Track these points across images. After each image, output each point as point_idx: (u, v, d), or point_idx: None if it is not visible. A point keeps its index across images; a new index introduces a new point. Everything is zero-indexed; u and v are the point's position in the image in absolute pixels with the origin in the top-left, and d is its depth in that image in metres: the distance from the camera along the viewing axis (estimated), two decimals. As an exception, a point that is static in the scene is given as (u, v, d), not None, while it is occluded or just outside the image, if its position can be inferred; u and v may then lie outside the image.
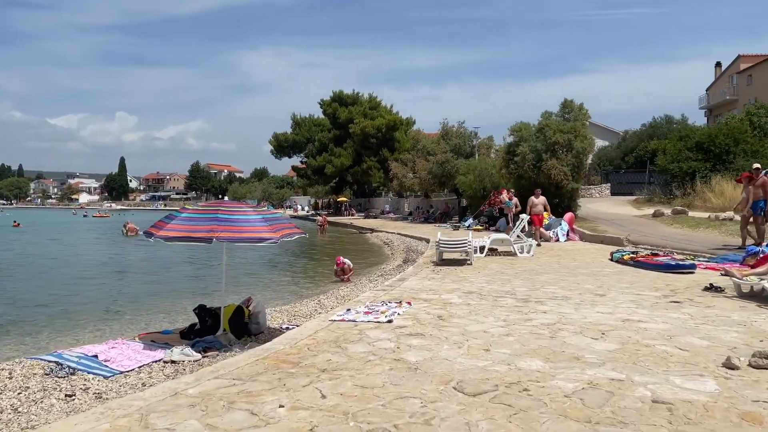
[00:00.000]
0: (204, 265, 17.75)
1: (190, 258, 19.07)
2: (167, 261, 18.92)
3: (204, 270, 16.61)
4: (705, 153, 29.47)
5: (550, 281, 9.47)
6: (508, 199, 20.26)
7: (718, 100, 51.86)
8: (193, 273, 16.22)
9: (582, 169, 23.76)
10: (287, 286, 13.27)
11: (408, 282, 9.57)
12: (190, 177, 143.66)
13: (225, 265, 6.93)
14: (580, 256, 13.78)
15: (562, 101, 24.85)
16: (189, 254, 19.47)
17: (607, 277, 9.84)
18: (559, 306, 7.17)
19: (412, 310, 6.99)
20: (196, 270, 16.89)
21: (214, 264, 16.28)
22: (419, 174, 36.28)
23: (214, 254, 14.68)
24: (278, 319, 7.99)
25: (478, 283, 9.29)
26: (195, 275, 15.66)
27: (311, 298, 9.98)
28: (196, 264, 18.12)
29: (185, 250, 19.12)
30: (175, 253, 19.45)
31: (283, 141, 59.22)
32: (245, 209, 6.33)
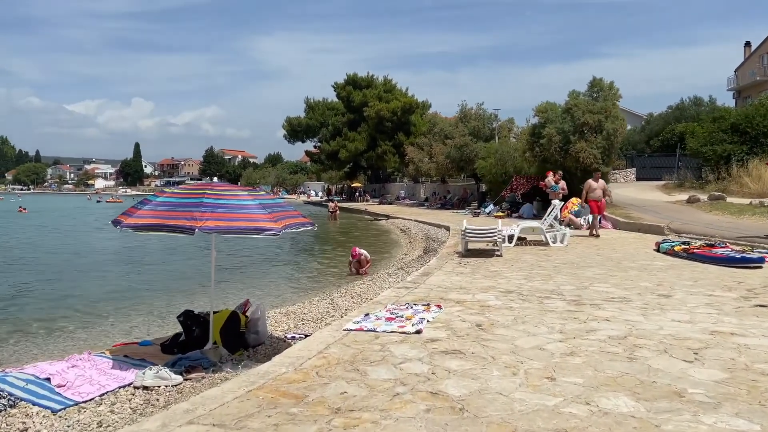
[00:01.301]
0: (204, 255, 16.46)
1: (189, 245, 17.79)
2: (162, 250, 17.73)
3: (201, 262, 15.07)
4: (741, 135, 27.78)
5: (598, 277, 8.21)
6: (554, 182, 17.70)
7: (747, 82, 49.66)
8: (190, 265, 14.71)
9: (613, 152, 22.28)
10: (294, 283, 11.77)
11: (433, 277, 8.36)
12: (204, 162, 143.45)
13: (214, 261, 5.71)
14: (619, 246, 12.47)
15: (591, 80, 23.32)
16: (186, 241, 18.35)
17: (662, 273, 8.55)
18: (622, 311, 5.92)
19: (443, 316, 5.79)
20: (194, 261, 15.41)
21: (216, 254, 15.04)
22: (436, 158, 34.92)
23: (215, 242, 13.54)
24: (283, 325, 6.80)
25: (515, 280, 8.05)
26: (193, 268, 14.25)
27: (323, 296, 8.73)
28: (192, 254, 16.66)
29: (185, 238, 18.01)
30: (173, 241, 18.31)
31: (296, 125, 58.04)
32: (238, 193, 5.10)
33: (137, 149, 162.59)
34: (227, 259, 14.48)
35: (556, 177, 18.01)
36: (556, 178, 17.95)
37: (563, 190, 17.67)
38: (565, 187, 17.88)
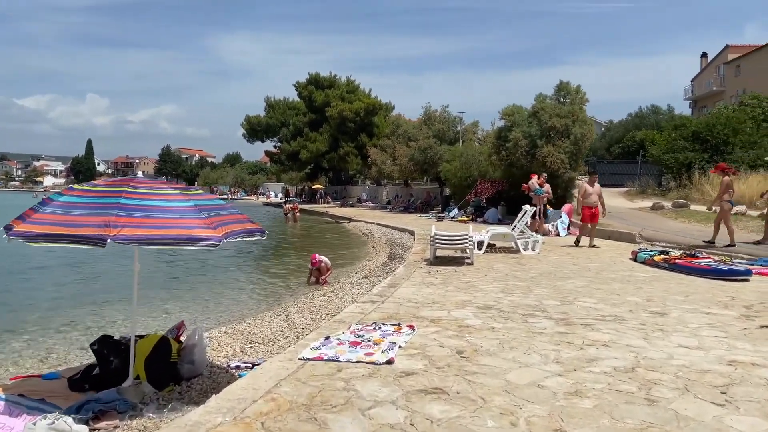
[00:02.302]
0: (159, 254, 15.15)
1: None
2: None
3: (155, 264, 13.83)
4: (702, 143, 27.98)
5: (581, 290, 7.52)
6: (538, 185, 16.27)
7: (704, 91, 50.77)
8: (145, 269, 13.25)
9: (580, 157, 21.93)
10: (244, 295, 10.16)
11: (402, 289, 7.52)
12: (160, 161, 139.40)
13: (136, 277, 4.68)
14: (594, 254, 11.90)
15: (557, 83, 22.95)
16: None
17: (647, 286, 7.92)
18: (619, 333, 5.19)
19: (417, 339, 4.95)
20: (151, 263, 13.90)
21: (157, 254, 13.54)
22: (399, 161, 34.19)
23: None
24: (227, 349, 5.81)
25: (492, 293, 7.29)
26: (147, 273, 12.86)
27: (277, 311, 7.66)
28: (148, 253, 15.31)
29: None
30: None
31: (256, 124, 56.51)
32: (167, 191, 4.08)
33: (89, 146, 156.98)
34: (161, 268, 13.04)
35: (541, 180, 16.71)
36: (541, 181, 16.65)
37: (548, 194, 16.65)
38: (550, 191, 16.91)
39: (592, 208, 12.99)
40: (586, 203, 13.04)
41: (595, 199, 13.01)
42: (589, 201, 12.99)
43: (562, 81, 22.80)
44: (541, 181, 16.63)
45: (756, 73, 42.59)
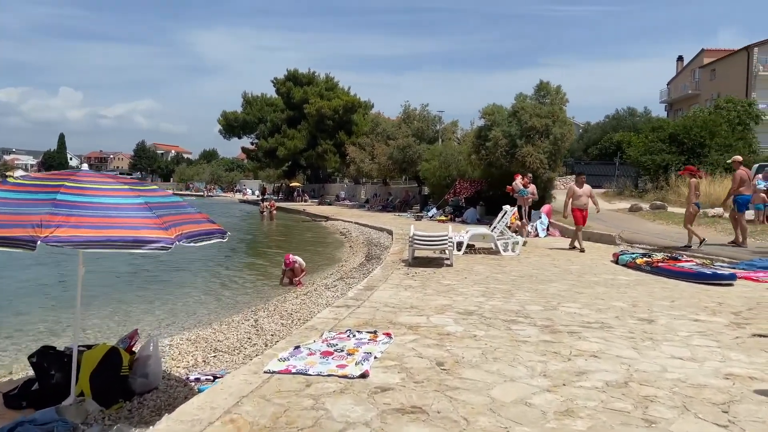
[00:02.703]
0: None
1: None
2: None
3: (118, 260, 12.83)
4: (679, 145, 28.16)
5: (564, 295, 7.25)
6: (522, 186, 15.43)
7: (680, 94, 51.39)
8: (109, 268, 12.74)
9: (560, 157, 21.82)
10: (212, 297, 9.48)
11: (379, 292, 7.18)
12: (134, 157, 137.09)
13: (81, 282, 4.17)
14: (574, 256, 11.70)
15: (537, 83, 22.83)
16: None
17: (631, 290, 7.69)
18: (608, 343, 4.91)
19: (394, 348, 4.61)
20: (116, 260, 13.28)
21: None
22: (378, 159, 33.83)
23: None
24: (188, 359, 5.39)
25: (472, 297, 6.98)
26: (109, 272, 12.32)
27: (246, 316, 7.22)
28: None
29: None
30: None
31: (233, 120, 55.59)
32: (112, 186, 3.61)
33: (62, 140, 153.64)
34: (122, 268, 12.18)
35: (525, 180, 15.93)
36: (525, 181, 15.89)
37: (533, 195, 16.06)
38: (535, 192, 16.32)
39: (582, 211, 12.54)
40: (575, 205, 12.51)
41: (585, 200, 12.54)
42: (579, 203, 12.51)
43: (542, 81, 22.70)
44: (526, 181, 15.95)
45: (730, 77, 43.18)
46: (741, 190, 12.44)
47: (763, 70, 40.92)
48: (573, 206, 12.49)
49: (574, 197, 12.53)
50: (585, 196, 12.55)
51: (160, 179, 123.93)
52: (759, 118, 33.65)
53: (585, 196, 12.56)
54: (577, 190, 12.57)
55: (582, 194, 12.53)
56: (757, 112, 33.82)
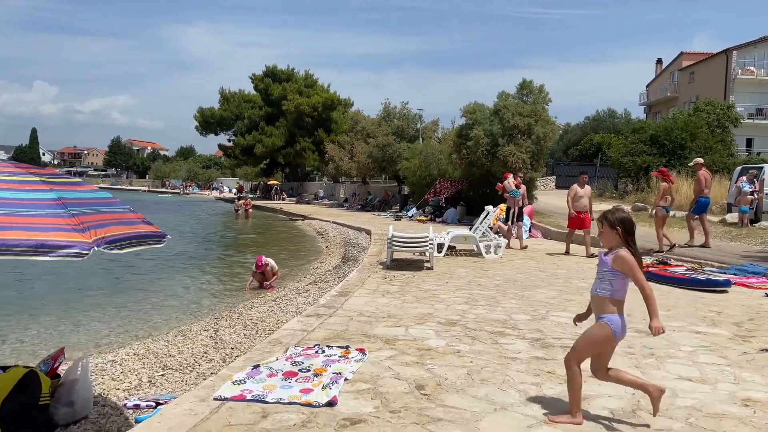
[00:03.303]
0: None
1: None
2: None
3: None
4: (660, 147, 28.05)
5: (553, 302, 6.76)
6: (514, 186, 14.03)
7: (659, 97, 51.58)
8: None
9: (543, 157, 21.46)
10: (172, 301, 8.60)
11: (354, 299, 6.61)
12: (109, 153, 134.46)
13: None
14: (558, 259, 11.26)
15: (520, 82, 22.41)
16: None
17: (623, 296, 7.22)
18: (606, 359, 4.41)
19: (368, 367, 4.05)
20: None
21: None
22: (357, 158, 33.25)
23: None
24: (131, 379, 4.68)
25: (455, 305, 6.45)
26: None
27: (205, 324, 6.53)
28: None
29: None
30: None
31: (209, 117, 54.43)
32: (14, 176, 2.83)
33: (34, 135, 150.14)
34: (68, 272, 10.78)
35: (517, 180, 14.46)
36: (517, 181, 14.38)
37: (524, 197, 14.59)
38: (526, 194, 14.96)
39: (581, 213, 11.71)
40: (576, 207, 11.66)
41: (585, 202, 11.73)
42: (580, 205, 11.67)
43: (525, 79, 22.28)
44: (518, 181, 14.50)
45: (709, 80, 43.41)
46: (705, 192, 12.31)
47: (741, 73, 41.18)
48: (575, 208, 11.76)
49: (575, 198, 11.75)
50: (586, 197, 11.82)
51: (136, 176, 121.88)
52: (738, 121, 33.77)
53: (586, 197, 11.83)
54: (579, 190, 11.81)
55: (583, 195, 11.78)
56: (735, 115, 33.92)
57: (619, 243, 3.14)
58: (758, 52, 42.28)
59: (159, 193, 73.73)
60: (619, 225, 3.12)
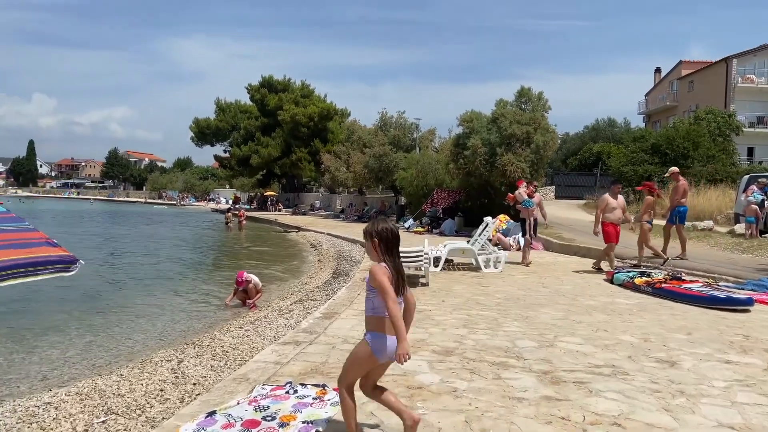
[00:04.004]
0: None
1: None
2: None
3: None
4: (661, 156, 27.51)
5: (560, 324, 6.09)
6: (527, 195, 12.59)
7: (658, 106, 51.13)
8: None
9: (542, 166, 20.86)
10: (138, 325, 7.68)
11: (339, 322, 5.95)
12: (106, 165, 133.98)
13: None
14: (563, 274, 10.60)
15: (518, 89, 21.88)
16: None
17: (636, 317, 6.57)
18: (629, 400, 3.75)
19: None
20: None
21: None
22: (354, 168, 32.64)
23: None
24: (63, 429, 3.78)
25: (452, 329, 5.79)
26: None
27: (169, 354, 5.73)
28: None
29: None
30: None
31: (205, 127, 53.99)
32: None
33: (31, 147, 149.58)
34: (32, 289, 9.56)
35: (530, 188, 13.06)
36: (530, 189, 13.00)
37: (540, 206, 13.18)
38: (542, 203, 13.56)
39: (616, 226, 10.53)
40: (609, 219, 10.46)
41: (619, 214, 10.57)
42: (614, 216, 10.49)
43: (523, 87, 21.76)
44: (531, 190, 13.04)
45: (709, 88, 42.98)
46: (682, 201, 11.92)
47: (741, 81, 40.75)
48: (606, 220, 10.52)
49: (607, 210, 10.50)
50: (620, 209, 10.57)
51: (133, 187, 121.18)
52: (739, 129, 33.29)
53: (620, 209, 10.57)
54: (612, 201, 10.52)
55: (617, 206, 10.51)
56: (737, 123, 33.44)
57: (378, 257, 2.92)
58: (758, 60, 41.88)
59: (154, 205, 73.04)
60: (376, 237, 2.92)
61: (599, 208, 10.63)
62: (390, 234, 2.94)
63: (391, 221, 16.77)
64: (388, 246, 2.92)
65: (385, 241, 2.92)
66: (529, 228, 12.31)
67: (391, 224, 3.03)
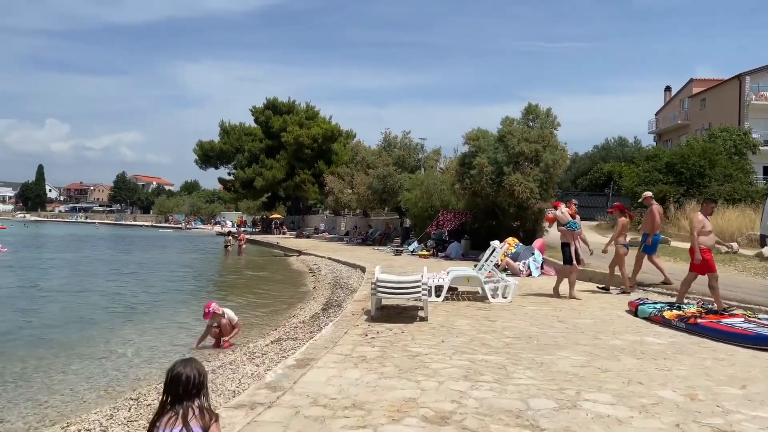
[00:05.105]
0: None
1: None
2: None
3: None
4: (676, 175, 26.39)
5: (582, 374, 5.02)
6: (570, 216, 10.72)
7: (669, 125, 50.13)
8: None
9: (552, 186, 19.80)
10: (91, 366, 6.77)
11: (314, 373, 4.91)
12: (114, 189, 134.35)
13: None
14: (579, 304, 9.50)
15: (526, 106, 20.93)
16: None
17: (674, 363, 5.48)
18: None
19: None
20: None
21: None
22: (357, 189, 31.71)
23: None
24: None
25: (450, 380, 4.73)
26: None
27: (98, 417, 4.54)
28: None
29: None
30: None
31: (209, 150, 53.35)
32: None
33: (40, 171, 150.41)
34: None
35: (572, 208, 10.97)
36: (572, 209, 10.94)
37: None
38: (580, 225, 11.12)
39: (708, 252, 8.36)
40: (706, 244, 8.36)
41: (714, 238, 8.74)
42: (709, 241, 8.46)
43: (530, 104, 20.79)
44: (573, 209, 11.00)
45: (721, 106, 41.96)
46: (656, 229, 11.12)
47: (755, 99, 39.71)
48: (702, 245, 8.38)
49: (702, 233, 8.39)
50: (713, 232, 8.74)
51: (141, 211, 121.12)
52: (756, 147, 32.17)
53: (713, 231, 8.72)
54: (707, 222, 8.47)
55: (711, 229, 8.58)
56: (753, 141, 32.34)
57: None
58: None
59: (160, 228, 72.51)
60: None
61: (695, 230, 8.40)
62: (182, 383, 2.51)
63: (394, 244, 15.31)
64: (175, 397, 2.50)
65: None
66: (574, 254, 10.45)
67: (196, 367, 2.60)
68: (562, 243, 10.63)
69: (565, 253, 10.51)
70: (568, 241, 10.52)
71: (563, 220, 10.69)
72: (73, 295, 13.13)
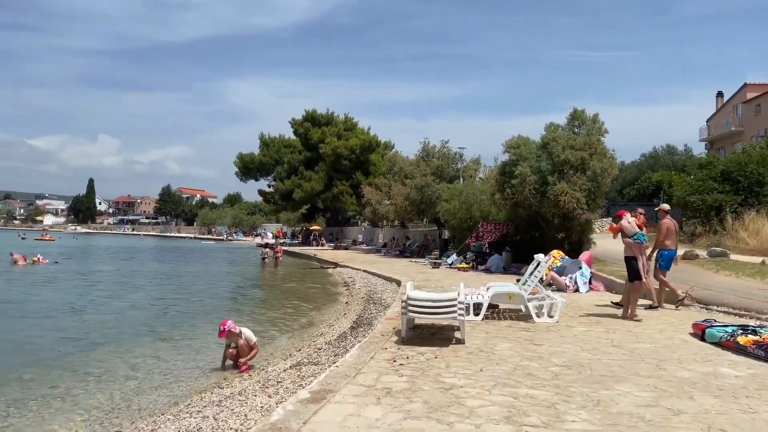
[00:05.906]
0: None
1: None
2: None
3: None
4: (733, 184, 24.78)
5: (648, 416, 4.17)
6: (638, 226, 9.70)
7: (721, 132, 47.82)
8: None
9: (600, 195, 18.70)
10: (94, 393, 6.24)
11: (328, 410, 4.22)
12: (159, 201, 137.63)
13: None
14: (634, 325, 8.55)
15: (571, 111, 19.93)
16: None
17: (759, 403, 4.57)
18: None
19: None
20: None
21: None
22: (395, 200, 31.05)
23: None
24: None
25: (488, 421, 3.97)
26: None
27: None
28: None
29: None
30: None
31: (249, 162, 53.68)
32: None
33: (91, 185, 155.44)
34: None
35: (640, 218, 9.98)
36: (640, 220, 9.94)
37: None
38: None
39: None
40: None
41: None
42: None
43: (576, 109, 19.79)
44: (641, 220, 10.00)
45: (779, 111, 39.72)
46: (666, 244, 10.37)
47: (817, 102, 37.43)
48: None
49: None
50: None
51: (185, 223, 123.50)
52: (821, 154, 30.03)
53: None
54: None
55: None
56: (817, 147, 30.23)
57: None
58: (835, 79, 38.43)
59: (202, 240, 73.44)
60: None
61: None
62: None
63: (432, 256, 14.22)
64: None
65: None
66: (642, 267, 9.56)
67: None
68: (627, 257, 9.62)
69: (632, 267, 9.49)
70: (634, 255, 9.52)
71: (630, 231, 9.65)
72: (95, 310, 12.86)
